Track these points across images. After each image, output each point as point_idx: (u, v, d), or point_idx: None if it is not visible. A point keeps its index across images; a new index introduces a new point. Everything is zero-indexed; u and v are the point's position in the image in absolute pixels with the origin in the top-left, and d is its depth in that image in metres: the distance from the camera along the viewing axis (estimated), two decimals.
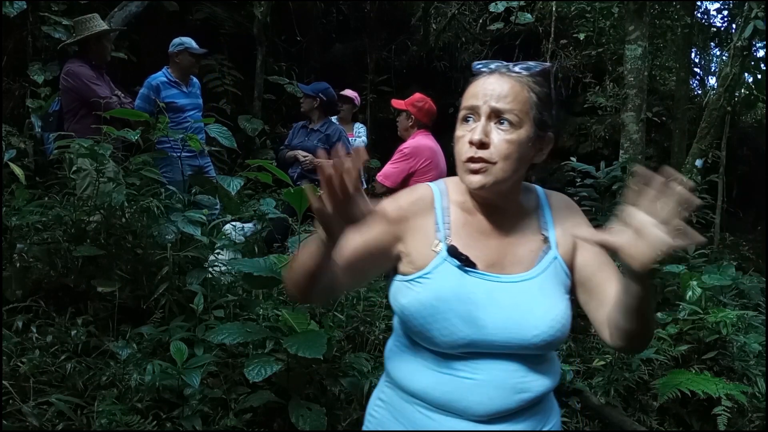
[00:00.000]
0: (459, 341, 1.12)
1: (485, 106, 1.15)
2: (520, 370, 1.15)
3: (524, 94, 1.16)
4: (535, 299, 1.16)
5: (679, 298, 3.58)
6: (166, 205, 2.96)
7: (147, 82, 4.45)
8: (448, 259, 1.16)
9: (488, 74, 1.19)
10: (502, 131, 1.14)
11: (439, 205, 1.22)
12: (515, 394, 1.14)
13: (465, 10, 9.68)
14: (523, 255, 1.20)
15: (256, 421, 2.33)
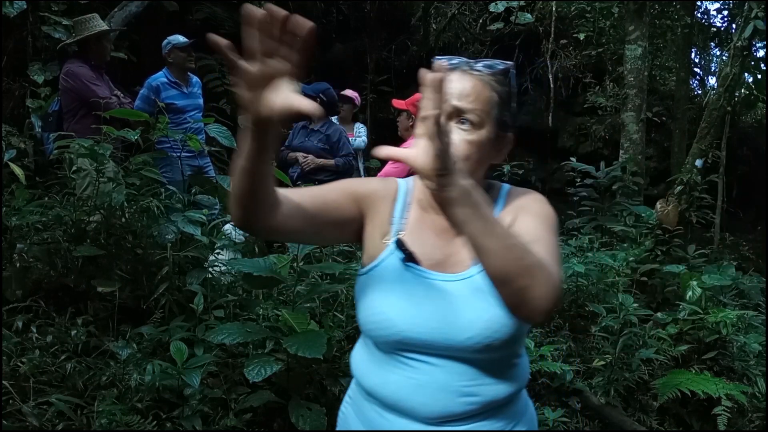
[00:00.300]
0: (393, 337, 1.10)
1: (446, 105, 1.11)
2: (467, 373, 1.11)
3: (486, 93, 1.13)
4: (469, 301, 1.11)
5: (679, 298, 3.58)
6: (166, 205, 2.96)
7: (147, 83, 4.45)
8: (395, 252, 1.15)
9: (450, 72, 1.15)
10: (463, 131, 1.12)
11: (401, 199, 1.22)
12: (460, 398, 1.10)
13: (465, 10, 9.69)
14: (464, 255, 1.15)
15: (256, 421, 2.33)
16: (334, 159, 4.56)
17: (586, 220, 5.28)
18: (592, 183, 5.48)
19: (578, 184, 5.64)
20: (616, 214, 5.10)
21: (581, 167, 5.53)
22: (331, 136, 4.62)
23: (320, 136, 4.62)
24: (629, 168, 5.58)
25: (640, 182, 5.58)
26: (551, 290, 0.97)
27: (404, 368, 1.12)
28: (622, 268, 3.63)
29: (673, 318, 3.38)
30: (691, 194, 4.75)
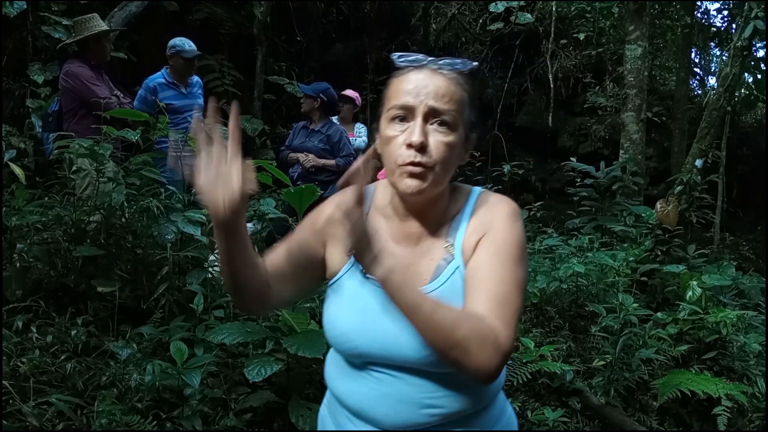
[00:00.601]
0: (353, 350, 1.10)
1: (422, 106, 1.07)
2: (428, 386, 1.08)
3: (459, 94, 1.10)
4: None
5: (679, 298, 3.58)
6: (165, 205, 2.96)
7: (144, 83, 4.45)
8: (354, 267, 1.14)
9: (417, 69, 1.11)
10: (440, 133, 1.08)
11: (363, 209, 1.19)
12: (422, 409, 1.08)
13: (465, 10, 9.69)
14: (425, 267, 1.13)
15: (256, 421, 2.33)
16: (334, 159, 4.56)
17: (586, 220, 5.28)
18: (592, 183, 5.48)
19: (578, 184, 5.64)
20: (616, 214, 5.10)
21: (581, 167, 5.53)
22: (331, 137, 4.61)
23: (321, 137, 4.61)
24: (629, 168, 5.58)
25: (640, 182, 5.58)
26: (491, 355, 0.98)
27: (368, 379, 1.11)
28: (622, 268, 3.62)
29: (673, 318, 3.38)
30: (691, 194, 4.74)
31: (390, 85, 1.13)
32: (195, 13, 7.17)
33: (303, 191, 2.33)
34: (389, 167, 1.11)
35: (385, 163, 1.12)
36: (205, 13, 7.22)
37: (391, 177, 1.11)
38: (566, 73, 9.27)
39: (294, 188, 2.42)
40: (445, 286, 1.10)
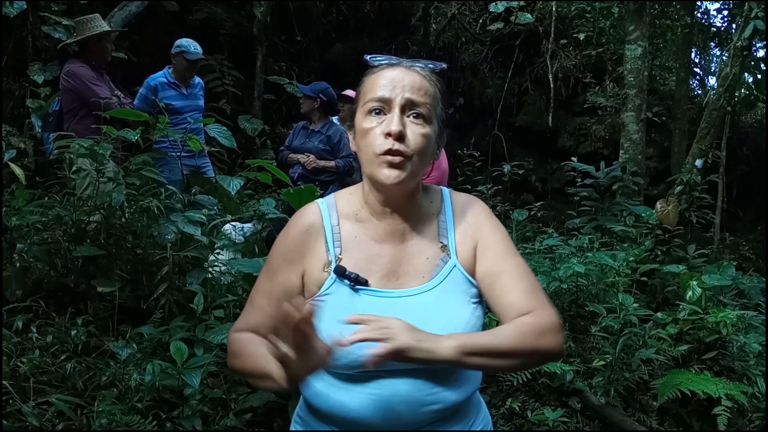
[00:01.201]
0: (351, 363, 1.06)
1: (399, 98, 1.10)
2: (425, 383, 1.09)
3: (431, 89, 1.14)
4: (432, 313, 1.10)
5: (679, 298, 3.58)
6: (165, 205, 2.96)
7: (146, 83, 4.45)
8: (338, 280, 1.12)
9: (390, 67, 1.15)
10: (416, 125, 1.11)
11: (327, 222, 1.17)
12: (423, 407, 1.08)
13: (465, 10, 9.68)
14: (419, 265, 1.14)
15: (256, 421, 2.33)
16: (334, 160, 4.56)
17: (586, 220, 5.28)
18: (592, 183, 5.48)
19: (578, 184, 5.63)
20: (616, 214, 5.10)
21: (581, 167, 5.53)
22: (331, 137, 4.61)
23: (321, 137, 4.61)
24: (629, 168, 5.58)
25: (640, 182, 5.58)
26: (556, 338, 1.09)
27: (366, 386, 1.08)
28: (622, 268, 3.62)
29: (673, 318, 3.38)
30: (691, 194, 4.74)
31: (364, 82, 1.17)
32: (195, 13, 7.17)
33: (303, 191, 2.33)
34: (367, 158, 1.12)
35: (362, 155, 1.14)
36: (205, 13, 7.22)
37: (369, 168, 1.12)
38: (566, 73, 9.26)
39: (294, 188, 2.42)
40: (445, 282, 1.14)
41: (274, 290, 1.16)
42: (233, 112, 6.79)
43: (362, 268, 1.12)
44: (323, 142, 4.58)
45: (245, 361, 1.12)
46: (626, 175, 5.49)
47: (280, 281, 1.16)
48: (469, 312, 1.13)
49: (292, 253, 1.17)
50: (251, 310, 1.19)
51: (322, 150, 4.55)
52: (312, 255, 1.15)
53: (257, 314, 1.17)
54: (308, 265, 1.15)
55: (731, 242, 8.52)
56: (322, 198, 1.23)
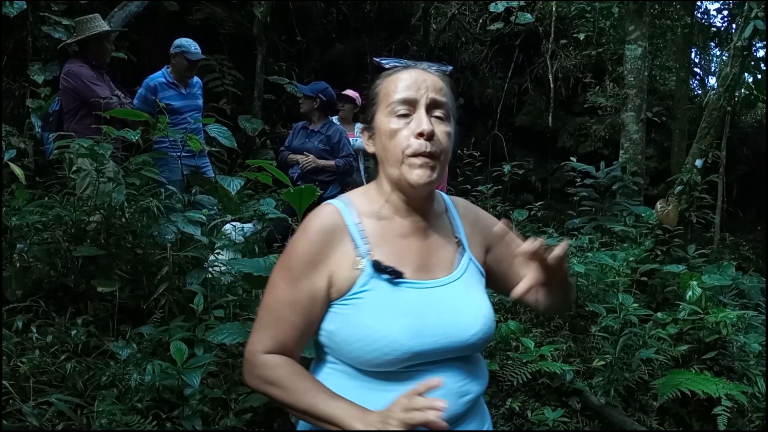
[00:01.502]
0: (402, 356, 1.06)
1: (424, 98, 1.13)
2: (461, 373, 1.13)
3: (447, 90, 1.18)
4: (464, 299, 1.15)
5: (679, 298, 3.58)
6: (165, 205, 2.96)
7: (145, 83, 4.45)
8: (374, 276, 1.10)
9: (407, 69, 1.17)
10: (441, 123, 1.14)
11: (350, 221, 1.15)
12: (459, 399, 1.11)
13: (465, 10, 9.68)
14: (444, 257, 1.19)
15: (256, 421, 2.33)
16: (334, 160, 4.55)
17: (586, 220, 5.28)
18: (592, 183, 5.48)
19: (578, 184, 5.64)
20: (616, 214, 5.10)
21: (581, 167, 5.53)
22: (331, 137, 4.60)
23: (321, 137, 4.61)
24: (629, 168, 5.58)
25: (640, 182, 5.58)
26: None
27: (405, 384, 1.08)
28: (622, 268, 3.62)
29: (673, 318, 3.38)
30: (691, 194, 4.74)
31: (382, 85, 1.17)
32: (195, 13, 7.17)
33: (303, 191, 2.33)
34: (394, 159, 1.13)
35: (388, 156, 1.14)
36: (205, 13, 7.22)
37: (396, 169, 1.13)
38: (566, 73, 9.26)
39: (294, 188, 2.42)
40: (466, 273, 1.20)
41: (298, 298, 1.12)
42: (233, 112, 6.79)
43: (395, 263, 1.12)
44: (323, 142, 4.58)
45: (293, 396, 1.08)
46: (626, 175, 5.49)
47: (304, 288, 1.12)
48: (488, 302, 1.20)
49: (315, 256, 1.12)
50: (275, 323, 1.13)
51: (322, 150, 4.55)
52: (338, 255, 1.12)
53: (284, 327, 1.13)
54: (335, 266, 1.12)
55: (731, 242, 8.51)
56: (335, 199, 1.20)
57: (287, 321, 1.13)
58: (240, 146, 4.94)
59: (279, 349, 1.13)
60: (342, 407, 1.04)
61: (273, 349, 1.13)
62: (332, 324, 1.13)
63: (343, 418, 1.02)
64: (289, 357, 1.14)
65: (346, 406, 1.04)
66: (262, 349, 1.13)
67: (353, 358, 1.10)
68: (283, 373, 1.10)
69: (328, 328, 1.13)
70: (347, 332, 1.10)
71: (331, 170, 4.53)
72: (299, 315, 1.12)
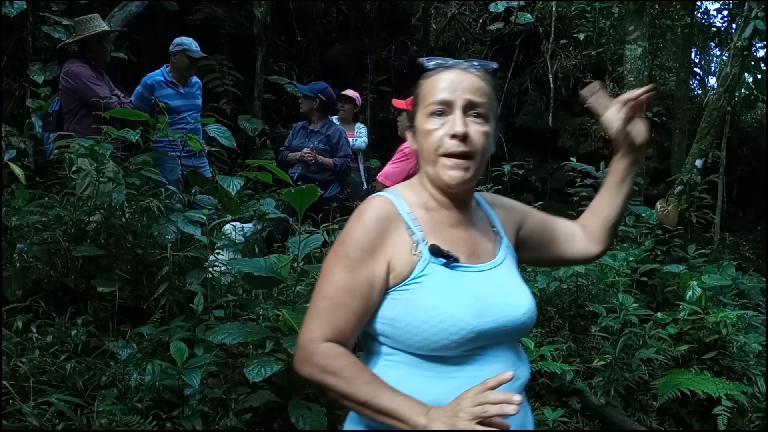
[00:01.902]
0: (468, 335, 1.10)
1: (460, 99, 1.16)
2: (512, 358, 1.19)
3: (487, 89, 1.20)
4: (511, 281, 1.24)
5: (679, 298, 3.58)
6: (165, 205, 2.96)
7: (143, 81, 4.44)
8: (432, 260, 1.15)
9: (447, 69, 1.20)
10: (477, 124, 1.17)
11: (402, 210, 1.19)
12: (514, 383, 1.13)
13: (465, 10, 9.68)
14: (487, 246, 1.26)
15: (256, 421, 2.33)
16: (332, 159, 4.55)
17: None
18: (592, 183, 5.47)
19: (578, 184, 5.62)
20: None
21: (581, 167, 5.52)
22: (331, 137, 4.61)
23: (320, 137, 4.62)
24: None
25: (640, 182, 5.57)
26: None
27: (465, 371, 1.12)
28: (622, 268, 3.62)
29: (673, 318, 3.38)
30: (691, 194, 4.74)
31: (422, 85, 1.23)
32: (195, 13, 7.17)
33: (303, 191, 2.32)
34: (428, 158, 1.19)
35: (423, 155, 1.21)
36: (205, 13, 7.21)
37: (431, 168, 1.19)
38: (566, 73, 9.25)
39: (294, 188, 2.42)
40: (507, 259, 1.27)
41: (357, 284, 1.12)
42: (233, 112, 6.79)
43: (448, 249, 1.17)
44: (322, 142, 4.58)
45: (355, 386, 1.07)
46: None
47: (363, 274, 1.13)
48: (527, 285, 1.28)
49: (372, 242, 1.14)
50: (334, 310, 1.13)
51: (322, 150, 4.55)
52: (395, 241, 1.15)
53: (343, 314, 1.12)
54: (394, 252, 1.15)
55: (731, 242, 8.51)
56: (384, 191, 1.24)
57: (346, 308, 1.12)
58: (240, 146, 4.94)
59: (337, 338, 1.12)
60: (405, 401, 1.04)
61: (332, 337, 1.11)
62: (393, 310, 1.13)
63: (406, 413, 1.02)
64: (346, 346, 1.13)
65: (408, 401, 1.04)
66: (321, 337, 1.11)
67: (417, 341, 1.10)
68: (345, 363, 1.08)
69: (388, 315, 1.14)
70: (412, 316, 1.11)
71: (328, 168, 4.53)
72: (358, 301, 1.12)
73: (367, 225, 1.15)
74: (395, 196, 1.21)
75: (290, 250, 2.71)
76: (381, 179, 4.16)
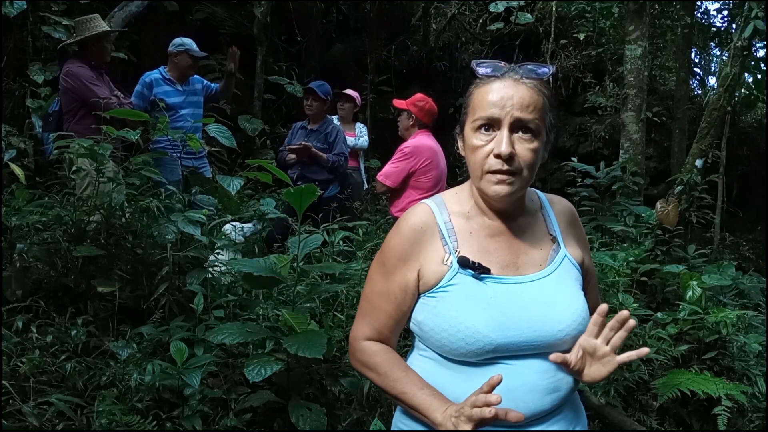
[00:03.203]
0: (485, 347, 1.11)
1: (508, 117, 1.13)
2: (550, 369, 1.15)
3: (540, 101, 1.15)
4: (554, 295, 1.18)
5: (679, 298, 3.58)
6: (165, 205, 2.96)
7: (141, 79, 4.43)
8: (461, 271, 1.16)
9: (499, 80, 1.16)
10: (525, 141, 1.14)
11: (441, 220, 1.22)
12: (548, 395, 1.13)
13: (465, 10, 9.68)
14: (535, 254, 1.22)
15: (256, 421, 2.33)
16: (327, 155, 4.55)
17: (586, 220, 5.27)
18: (592, 183, 5.47)
19: (578, 184, 5.63)
20: (616, 214, 5.09)
21: (581, 167, 5.52)
22: (329, 134, 4.64)
23: (319, 135, 4.64)
24: (629, 168, 5.58)
25: (640, 182, 5.57)
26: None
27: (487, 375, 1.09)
28: (622, 268, 3.62)
29: (673, 318, 3.38)
30: (691, 194, 4.74)
31: (473, 94, 1.20)
32: (195, 13, 7.17)
33: (303, 191, 2.32)
34: (475, 173, 1.18)
35: (470, 168, 1.20)
36: (205, 13, 7.21)
37: (478, 183, 1.18)
38: (566, 73, 9.26)
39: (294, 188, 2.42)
40: (559, 270, 1.22)
41: (391, 290, 1.22)
42: (233, 112, 6.79)
43: (481, 260, 1.17)
44: (321, 140, 4.61)
45: (387, 382, 1.19)
46: (626, 175, 5.49)
47: (397, 280, 1.21)
48: (582, 297, 1.22)
49: (407, 251, 1.21)
50: (372, 312, 1.26)
51: (320, 148, 4.57)
52: (428, 251, 1.20)
53: (379, 316, 1.24)
54: (425, 261, 1.19)
55: (731, 242, 8.51)
56: (429, 199, 1.27)
57: (382, 311, 1.24)
58: (240, 146, 4.94)
59: (376, 336, 1.25)
60: (426, 398, 1.13)
61: (371, 336, 1.25)
62: (421, 314, 1.20)
63: (426, 408, 1.12)
64: (386, 343, 1.25)
65: (430, 398, 1.13)
66: (362, 335, 1.27)
67: (440, 346, 1.16)
68: (379, 361, 1.22)
69: (417, 318, 1.21)
70: (434, 322, 1.16)
71: (321, 162, 4.52)
72: (392, 305, 1.22)
73: (403, 234, 1.22)
74: (438, 204, 1.25)
75: (290, 250, 2.71)
76: (381, 179, 4.16)
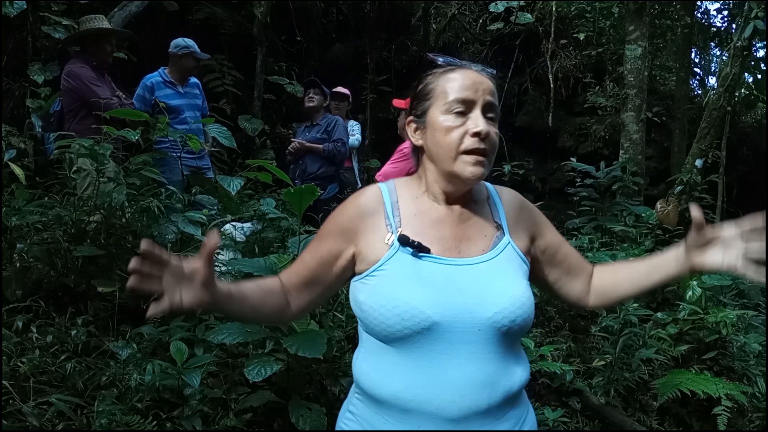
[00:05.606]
0: (421, 323, 1.10)
1: (482, 99, 1.19)
2: (491, 363, 1.14)
3: (496, 92, 1.24)
4: (493, 278, 1.18)
5: (679, 298, 3.58)
6: (166, 205, 2.96)
7: (142, 83, 4.44)
8: (401, 249, 1.18)
9: (464, 69, 1.23)
10: (492, 124, 1.20)
11: (387, 200, 1.25)
12: (485, 390, 1.12)
13: (465, 10, 9.68)
14: (478, 240, 1.24)
15: (256, 421, 2.33)
16: (323, 144, 4.65)
17: (586, 220, 5.27)
18: (592, 183, 5.48)
19: (578, 184, 5.63)
20: (616, 214, 5.09)
21: (581, 167, 5.52)
22: (329, 124, 4.76)
23: (320, 128, 4.75)
24: (629, 168, 5.58)
25: (640, 182, 5.58)
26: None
27: (430, 365, 1.12)
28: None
29: (673, 318, 3.38)
30: (691, 194, 4.74)
31: (437, 81, 1.23)
32: (195, 13, 7.17)
33: (303, 191, 2.32)
34: (446, 155, 1.20)
35: (440, 151, 1.21)
36: (205, 13, 7.21)
37: (450, 165, 1.20)
38: (566, 73, 9.25)
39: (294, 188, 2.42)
40: (502, 255, 1.23)
41: (319, 247, 1.27)
42: (233, 112, 6.79)
43: (423, 240, 1.19)
44: (320, 132, 4.73)
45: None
46: (626, 175, 5.49)
47: (328, 243, 1.26)
48: (525, 285, 1.22)
49: (345, 225, 1.24)
50: (296, 261, 1.33)
51: (320, 140, 4.68)
52: (370, 230, 1.22)
53: (298, 264, 1.30)
54: (366, 240, 1.22)
55: None
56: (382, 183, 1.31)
57: (303, 261, 1.29)
58: (240, 146, 4.94)
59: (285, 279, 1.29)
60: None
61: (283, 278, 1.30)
62: (362, 294, 1.20)
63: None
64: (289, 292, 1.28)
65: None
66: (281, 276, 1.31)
67: (376, 325, 1.15)
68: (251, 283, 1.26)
69: (359, 298, 1.21)
70: (373, 299, 1.17)
71: (319, 154, 4.60)
72: (314, 259, 1.26)
73: (346, 209, 1.27)
74: (388, 187, 1.28)
75: (290, 249, 2.71)
76: (380, 179, 4.17)
